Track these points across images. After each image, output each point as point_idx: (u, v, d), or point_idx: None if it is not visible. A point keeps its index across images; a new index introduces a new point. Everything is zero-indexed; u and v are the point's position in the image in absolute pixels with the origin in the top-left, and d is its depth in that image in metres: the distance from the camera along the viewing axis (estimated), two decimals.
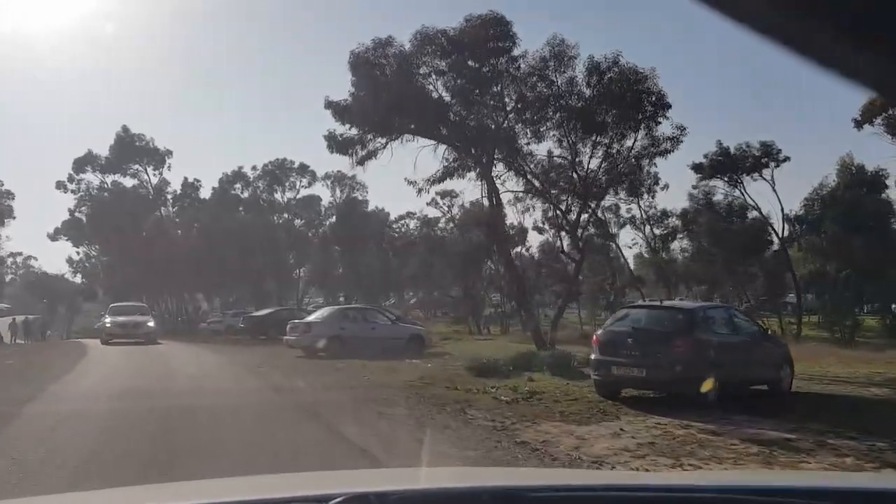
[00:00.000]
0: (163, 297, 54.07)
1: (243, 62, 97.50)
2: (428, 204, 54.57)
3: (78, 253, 57.29)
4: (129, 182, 51.43)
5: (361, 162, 21.17)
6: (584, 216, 23.77)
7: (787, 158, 41.80)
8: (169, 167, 50.93)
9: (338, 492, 1.65)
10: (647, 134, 21.32)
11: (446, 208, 55.14)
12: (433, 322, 52.88)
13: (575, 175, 21.76)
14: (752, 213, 43.51)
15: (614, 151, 21.43)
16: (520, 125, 21.20)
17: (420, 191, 22.60)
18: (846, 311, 41.41)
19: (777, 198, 50.42)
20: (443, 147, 21.06)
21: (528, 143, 21.44)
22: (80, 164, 50.99)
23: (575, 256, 24.78)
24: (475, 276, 49.52)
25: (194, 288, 55.24)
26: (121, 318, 28.84)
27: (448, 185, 23.17)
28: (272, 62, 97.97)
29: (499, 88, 20.74)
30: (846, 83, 0.90)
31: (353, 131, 20.67)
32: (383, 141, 20.73)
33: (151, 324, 29.22)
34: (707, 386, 10.13)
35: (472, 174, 21.47)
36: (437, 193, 53.32)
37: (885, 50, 0.85)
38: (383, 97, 19.01)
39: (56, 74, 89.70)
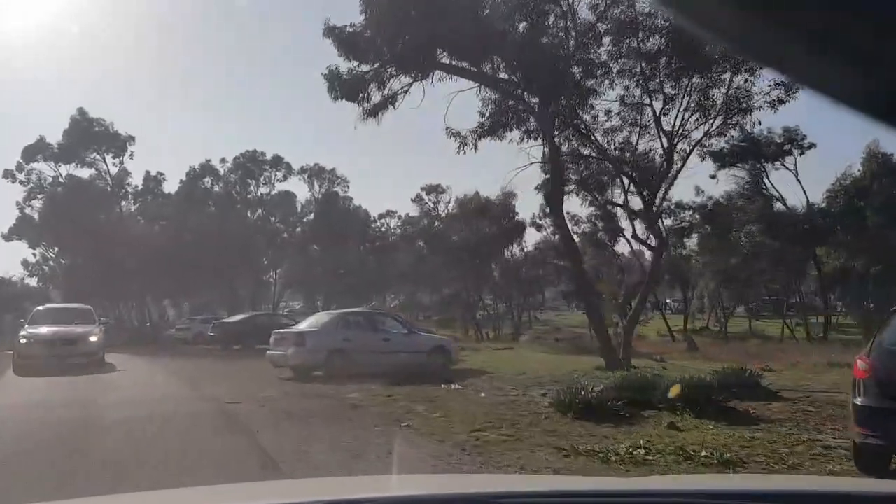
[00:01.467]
0: (125, 302, 49.38)
1: (213, 46, 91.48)
2: (413, 200, 50.65)
3: (34, 255, 53.76)
4: (85, 173, 46.64)
5: (375, 112, 15.45)
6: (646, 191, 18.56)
7: (812, 145, 39.05)
8: (131, 155, 46.04)
9: (310, 500, 1.61)
10: (746, 80, 16.26)
11: (432, 205, 50.96)
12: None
13: (660, 134, 16.61)
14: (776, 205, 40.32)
15: (707, 102, 16.24)
16: (578, 69, 15.86)
17: (463, 146, 17.03)
18: (880, 309, 38.56)
19: (801, 188, 46.65)
20: (486, 91, 15.73)
21: (590, 94, 16.11)
22: (31, 152, 46.29)
23: (652, 243, 19.49)
24: (474, 274, 44.93)
25: (160, 291, 50.62)
26: (46, 331, 18.47)
27: (489, 144, 17.54)
28: (245, 44, 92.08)
29: (568, 5, 15.10)
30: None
31: (365, 68, 15.07)
32: (408, 80, 15.16)
33: (95, 338, 18.82)
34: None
35: (516, 133, 16.18)
36: (422, 189, 49.55)
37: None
38: (412, 15, 13.39)
39: (11, 62, 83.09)
